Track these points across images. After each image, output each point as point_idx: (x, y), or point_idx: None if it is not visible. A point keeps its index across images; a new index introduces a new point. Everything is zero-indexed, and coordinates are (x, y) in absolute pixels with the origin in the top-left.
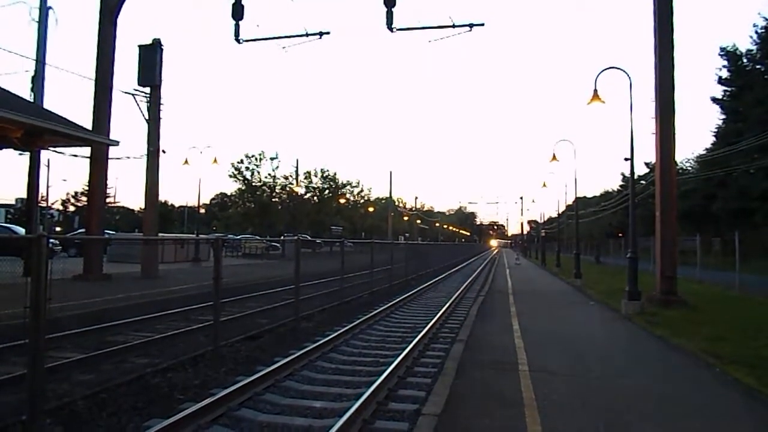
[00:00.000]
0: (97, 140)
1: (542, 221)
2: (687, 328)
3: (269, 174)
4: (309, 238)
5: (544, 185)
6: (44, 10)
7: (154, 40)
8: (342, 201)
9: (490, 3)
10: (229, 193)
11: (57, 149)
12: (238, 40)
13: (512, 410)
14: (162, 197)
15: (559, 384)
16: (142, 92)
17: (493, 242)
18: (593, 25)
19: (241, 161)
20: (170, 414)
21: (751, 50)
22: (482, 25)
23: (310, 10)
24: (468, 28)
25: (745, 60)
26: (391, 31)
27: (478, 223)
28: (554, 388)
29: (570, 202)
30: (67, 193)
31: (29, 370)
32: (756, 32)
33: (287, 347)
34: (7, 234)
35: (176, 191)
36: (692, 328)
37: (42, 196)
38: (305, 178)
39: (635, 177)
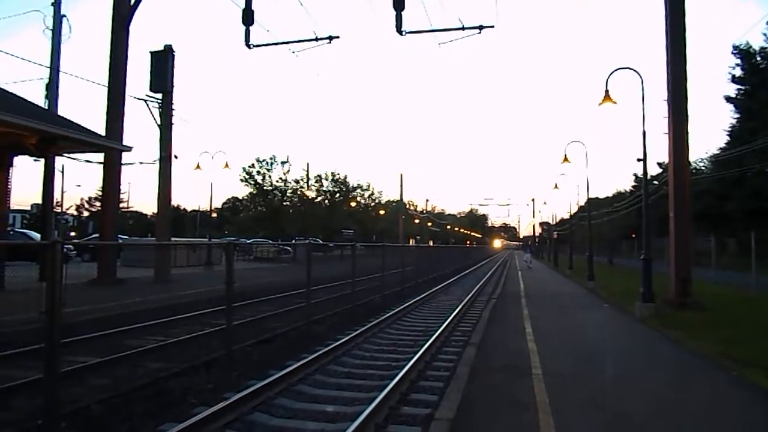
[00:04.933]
0: (110, 146)
1: (554, 222)
2: (703, 330)
3: (280, 178)
4: (320, 241)
5: (556, 187)
6: (58, 18)
7: (166, 46)
8: (353, 204)
9: (500, 5)
10: (240, 198)
11: (71, 155)
12: (248, 46)
13: (526, 414)
14: (174, 202)
15: (573, 388)
16: (154, 98)
17: (497, 243)
18: (604, 24)
19: (252, 165)
20: (183, 419)
21: (765, 48)
22: (492, 27)
23: (319, 15)
24: (478, 30)
25: (758, 58)
26: (401, 34)
27: (489, 225)
28: (568, 393)
29: (582, 203)
30: (82, 199)
31: (45, 374)
32: None
33: (299, 351)
34: (23, 239)
35: (188, 195)
36: (708, 330)
37: (57, 202)
38: (316, 181)
39: (648, 177)
